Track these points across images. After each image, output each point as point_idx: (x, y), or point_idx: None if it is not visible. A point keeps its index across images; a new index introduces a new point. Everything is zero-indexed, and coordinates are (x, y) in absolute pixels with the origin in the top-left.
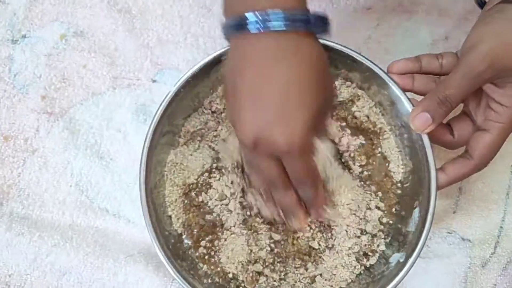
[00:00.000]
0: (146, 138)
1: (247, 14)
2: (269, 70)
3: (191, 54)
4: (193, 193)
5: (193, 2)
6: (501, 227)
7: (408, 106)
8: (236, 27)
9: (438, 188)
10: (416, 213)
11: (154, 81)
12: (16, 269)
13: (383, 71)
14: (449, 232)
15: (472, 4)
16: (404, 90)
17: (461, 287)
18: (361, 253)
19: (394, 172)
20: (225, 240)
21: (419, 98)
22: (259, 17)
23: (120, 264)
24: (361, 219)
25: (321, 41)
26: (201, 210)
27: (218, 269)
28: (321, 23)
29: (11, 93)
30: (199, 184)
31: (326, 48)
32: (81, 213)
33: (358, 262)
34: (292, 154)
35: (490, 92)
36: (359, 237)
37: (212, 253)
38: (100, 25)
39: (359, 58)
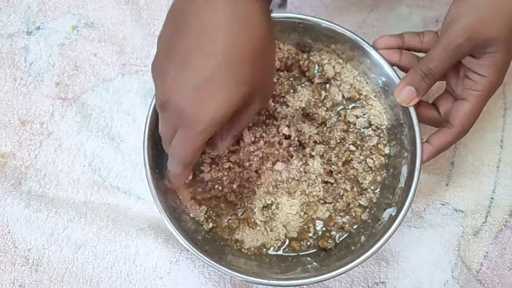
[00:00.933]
0: (147, 118)
1: None
2: (209, 33)
3: None
4: None
5: None
6: (492, 198)
7: (389, 72)
8: None
9: (427, 159)
10: (404, 169)
11: None
12: (35, 244)
13: (364, 40)
14: (442, 204)
15: None
16: (391, 64)
17: (455, 254)
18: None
19: (381, 134)
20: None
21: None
22: None
23: (131, 237)
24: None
25: (305, 16)
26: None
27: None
28: None
29: (27, 80)
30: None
31: (310, 24)
32: (94, 190)
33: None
34: (189, 134)
35: (467, 63)
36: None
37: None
38: (109, 16)
39: (340, 30)
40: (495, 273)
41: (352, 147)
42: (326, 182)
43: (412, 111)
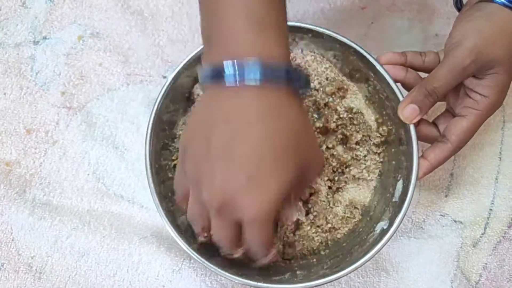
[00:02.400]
0: (148, 128)
1: (224, 63)
2: (245, 129)
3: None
4: None
5: None
6: (491, 209)
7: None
8: (212, 76)
9: (424, 174)
10: (399, 184)
11: (164, 77)
12: (38, 251)
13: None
14: (441, 215)
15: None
16: (395, 81)
17: (454, 265)
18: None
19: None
20: None
21: None
22: (236, 66)
23: (134, 246)
24: None
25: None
26: None
27: None
28: (302, 79)
29: (33, 89)
30: None
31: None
32: (98, 199)
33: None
34: (256, 224)
35: (469, 84)
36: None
37: None
38: (115, 26)
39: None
40: (494, 284)
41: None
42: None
43: (411, 127)
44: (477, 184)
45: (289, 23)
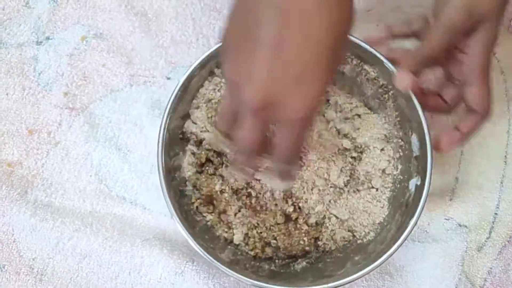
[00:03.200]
0: (162, 123)
1: None
2: (294, 22)
3: (202, 53)
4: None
5: (204, 5)
6: (496, 214)
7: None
8: None
9: (457, 143)
10: (414, 139)
11: (168, 78)
12: (40, 253)
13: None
14: (446, 219)
15: None
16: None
17: (459, 270)
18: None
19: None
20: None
21: None
22: None
23: (137, 248)
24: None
25: None
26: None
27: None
28: None
29: (35, 90)
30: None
31: None
32: (100, 200)
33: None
34: (297, 123)
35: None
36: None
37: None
38: (118, 27)
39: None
40: None
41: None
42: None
43: (425, 127)
44: (482, 188)
45: None
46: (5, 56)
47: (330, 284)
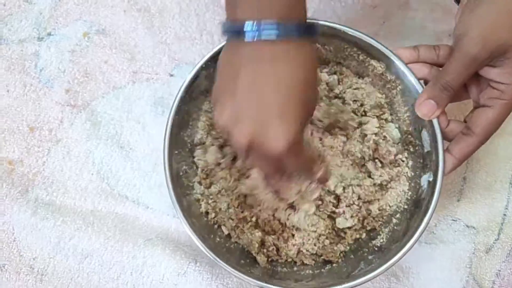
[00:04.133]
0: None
1: (245, 23)
2: (267, 72)
3: (206, 50)
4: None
5: (208, 1)
6: (505, 215)
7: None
8: (234, 32)
9: (451, 170)
10: (424, 134)
11: (171, 75)
12: (40, 253)
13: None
14: (454, 220)
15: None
16: (418, 78)
17: (466, 272)
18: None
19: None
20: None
21: None
22: (255, 27)
23: (139, 248)
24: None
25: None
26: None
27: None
28: (312, 32)
29: (37, 87)
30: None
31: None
32: (102, 199)
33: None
34: (288, 153)
35: (488, 74)
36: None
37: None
38: (121, 23)
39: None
40: None
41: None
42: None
43: (435, 122)
44: (491, 189)
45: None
46: (6, 52)
47: (344, 285)
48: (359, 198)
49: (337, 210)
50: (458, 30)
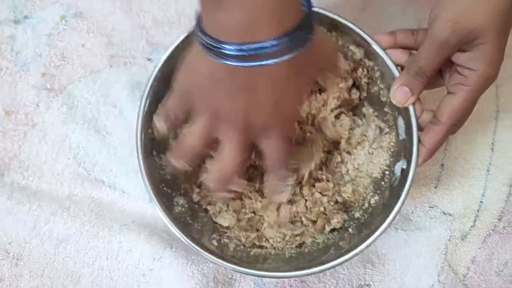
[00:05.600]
0: (140, 108)
1: (226, 45)
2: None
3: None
4: None
5: None
6: (481, 202)
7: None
8: (213, 51)
9: (424, 160)
10: (400, 121)
11: (149, 59)
12: (16, 237)
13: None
14: (430, 206)
15: None
16: (397, 64)
17: (442, 258)
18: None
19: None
20: None
21: None
22: (237, 51)
23: (114, 233)
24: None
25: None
26: None
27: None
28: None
29: (12, 70)
30: None
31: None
32: (78, 184)
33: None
34: (280, 139)
35: (456, 60)
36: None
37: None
38: (99, 7)
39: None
40: (482, 278)
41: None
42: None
43: (411, 109)
44: (468, 176)
45: None
46: None
47: (312, 269)
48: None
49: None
50: (432, 13)
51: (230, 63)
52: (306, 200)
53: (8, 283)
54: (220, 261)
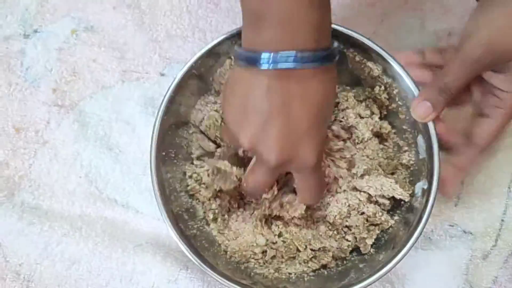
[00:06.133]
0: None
1: (262, 54)
2: (292, 90)
3: (198, 48)
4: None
5: None
6: (503, 220)
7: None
8: (249, 60)
9: (453, 183)
10: (420, 140)
11: (162, 74)
12: (27, 259)
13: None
14: (450, 225)
15: (475, 2)
16: (419, 83)
17: (463, 279)
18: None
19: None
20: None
21: None
22: (271, 58)
23: (128, 254)
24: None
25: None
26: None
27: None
28: (331, 59)
29: (22, 86)
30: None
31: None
32: (90, 203)
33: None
34: (311, 170)
35: (490, 79)
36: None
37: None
38: (110, 20)
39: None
40: None
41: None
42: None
43: (431, 127)
44: (489, 193)
45: None
46: None
47: None
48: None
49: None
50: (466, 31)
51: (264, 67)
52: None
53: None
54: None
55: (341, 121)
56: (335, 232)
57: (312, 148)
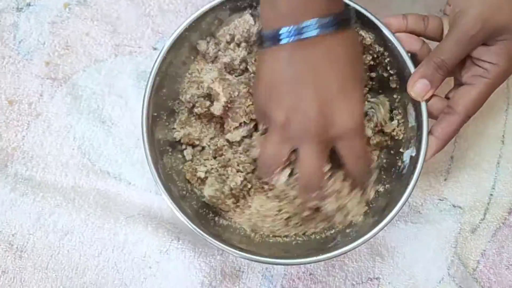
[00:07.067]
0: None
1: (282, 29)
2: (317, 55)
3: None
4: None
5: None
6: (491, 195)
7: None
8: (272, 38)
9: (434, 153)
10: (410, 108)
11: (155, 48)
12: (19, 229)
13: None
14: (440, 199)
15: None
16: (409, 52)
17: (452, 252)
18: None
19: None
20: None
21: None
22: (292, 31)
23: (120, 225)
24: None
25: None
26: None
27: None
28: (349, 20)
29: (15, 59)
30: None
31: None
32: (83, 175)
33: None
34: (353, 134)
35: (476, 53)
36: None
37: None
38: None
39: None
40: (492, 271)
41: None
42: None
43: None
44: (478, 168)
45: None
46: None
47: (319, 257)
48: None
49: None
50: (458, 7)
51: (284, 41)
52: None
53: (12, 276)
54: (227, 247)
55: None
56: None
57: (349, 109)
